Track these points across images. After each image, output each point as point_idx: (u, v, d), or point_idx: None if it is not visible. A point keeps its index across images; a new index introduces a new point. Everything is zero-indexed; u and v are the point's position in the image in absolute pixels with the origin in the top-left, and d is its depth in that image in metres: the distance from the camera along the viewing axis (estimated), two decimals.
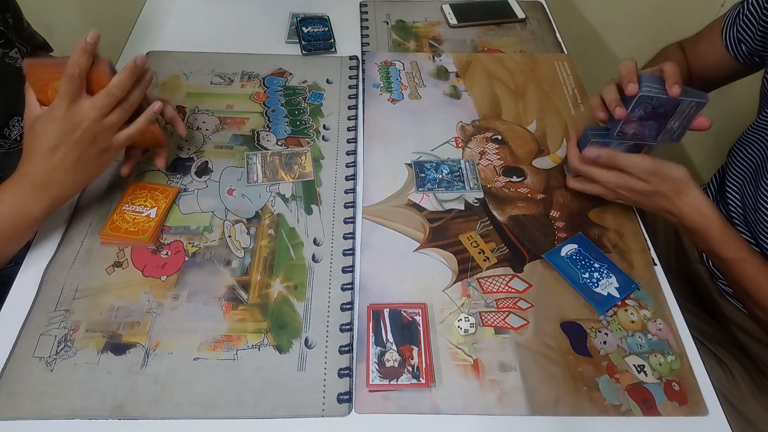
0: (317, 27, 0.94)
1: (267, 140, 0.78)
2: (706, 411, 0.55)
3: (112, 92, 0.57)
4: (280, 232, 0.67)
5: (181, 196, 0.70)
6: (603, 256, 0.66)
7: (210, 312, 0.60)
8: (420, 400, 0.55)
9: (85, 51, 0.55)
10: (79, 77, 0.55)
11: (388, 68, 0.91)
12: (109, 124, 0.58)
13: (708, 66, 0.83)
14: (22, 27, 0.79)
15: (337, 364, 0.57)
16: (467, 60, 0.93)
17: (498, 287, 0.63)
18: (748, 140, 0.75)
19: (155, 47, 0.91)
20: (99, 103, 0.57)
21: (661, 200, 0.63)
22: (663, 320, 0.61)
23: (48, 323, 0.58)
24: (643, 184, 0.63)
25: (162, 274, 0.63)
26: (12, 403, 0.52)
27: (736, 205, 0.76)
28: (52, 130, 0.56)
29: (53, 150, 0.56)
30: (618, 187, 0.65)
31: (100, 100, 0.57)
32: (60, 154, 0.56)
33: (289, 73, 0.88)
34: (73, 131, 0.56)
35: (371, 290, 0.63)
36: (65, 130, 0.56)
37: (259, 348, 0.57)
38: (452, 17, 1.01)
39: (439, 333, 0.59)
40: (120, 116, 0.59)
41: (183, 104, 0.81)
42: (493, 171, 0.76)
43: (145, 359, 0.56)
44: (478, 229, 0.69)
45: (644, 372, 0.57)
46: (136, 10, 0.99)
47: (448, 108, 0.85)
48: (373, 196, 0.72)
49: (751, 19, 0.74)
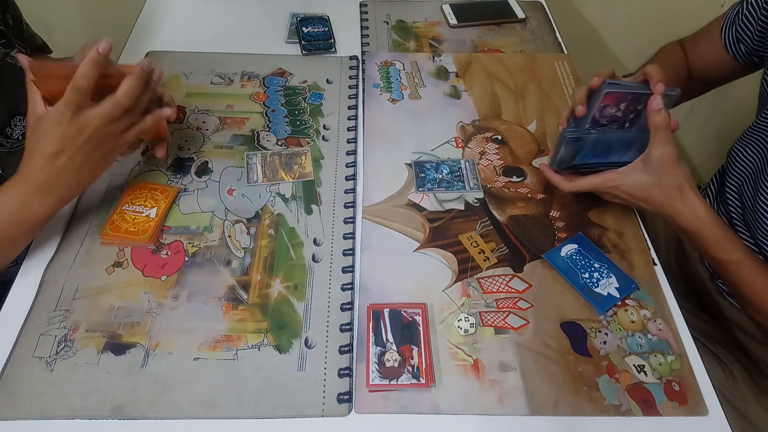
0: (317, 27, 0.94)
1: (267, 140, 0.78)
2: (706, 411, 0.55)
3: (119, 101, 0.56)
4: (280, 232, 0.67)
5: (181, 196, 0.70)
6: (603, 256, 0.66)
7: (210, 312, 0.60)
8: (420, 400, 0.55)
9: (96, 63, 0.53)
10: (87, 90, 0.54)
11: (388, 68, 0.91)
12: (115, 129, 0.58)
13: (707, 65, 0.83)
14: (21, 28, 0.79)
15: (337, 364, 0.57)
16: (467, 60, 0.93)
17: (498, 287, 0.63)
18: (747, 141, 0.75)
19: (155, 47, 0.91)
20: (105, 111, 0.56)
21: (654, 205, 0.63)
22: (663, 320, 0.61)
23: (48, 323, 0.58)
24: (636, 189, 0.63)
25: (162, 274, 0.63)
26: (12, 403, 0.52)
27: (735, 206, 0.76)
28: (56, 134, 0.54)
29: (57, 155, 0.55)
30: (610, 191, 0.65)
31: (107, 108, 0.56)
32: (64, 158, 0.56)
33: (289, 73, 0.88)
34: (77, 137, 0.55)
35: (371, 290, 0.63)
36: (69, 135, 0.55)
37: (259, 348, 0.57)
38: (452, 17, 1.01)
39: (439, 333, 0.59)
40: (127, 122, 0.58)
41: (183, 104, 0.81)
42: (493, 171, 0.76)
43: (145, 359, 0.56)
44: (478, 229, 0.69)
45: (644, 372, 0.57)
46: (136, 10, 0.99)
47: (448, 108, 0.85)
48: (373, 196, 0.72)
49: (750, 18, 0.74)
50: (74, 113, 0.54)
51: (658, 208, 0.63)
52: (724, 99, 1.29)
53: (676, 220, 0.62)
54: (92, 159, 0.58)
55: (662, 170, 0.60)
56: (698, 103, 1.37)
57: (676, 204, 0.61)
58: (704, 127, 1.41)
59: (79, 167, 0.57)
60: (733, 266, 0.62)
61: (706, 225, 0.61)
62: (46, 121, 0.55)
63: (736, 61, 0.79)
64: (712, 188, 0.84)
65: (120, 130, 0.58)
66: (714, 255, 0.63)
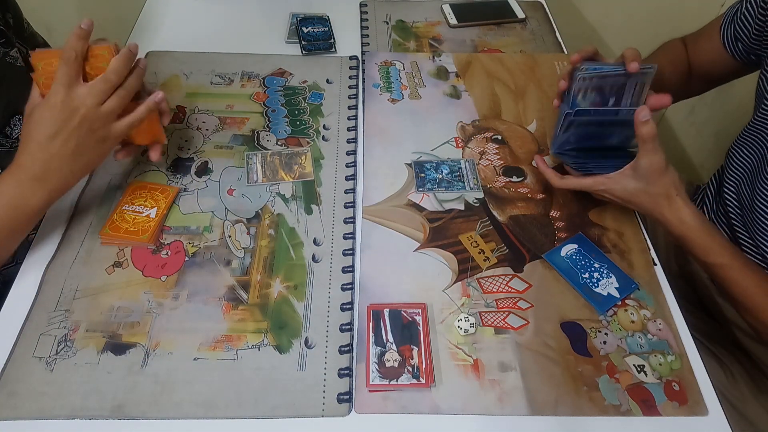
0: (317, 27, 0.94)
1: (267, 140, 0.78)
2: (706, 411, 0.55)
3: (107, 77, 0.58)
4: (280, 232, 0.67)
5: (181, 196, 0.70)
6: (603, 256, 0.66)
7: (210, 312, 0.60)
8: (420, 400, 0.55)
9: (80, 37, 0.56)
10: (75, 61, 0.56)
11: (388, 68, 0.91)
12: (106, 111, 0.58)
13: (706, 62, 0.84)
14: (22, 27, 0.79)
15: (337, 364, 0.57)
16: (467, 60, 0.93)
17: (498, 287, 0.63)
18: (744, 141, 0.75)
19: (155, 47, 0.91)
20: (95, 88, 0.57)
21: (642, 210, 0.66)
22: (663, 320, 0.61)
23: (48, 323, 0.58)
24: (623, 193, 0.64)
25: (162, 274, 0.63)
26: (12, 403, 0.52)
27: (733, 206, 0.76)
28: (49, 117, 0.55)
29: (51, 138, 0.56)
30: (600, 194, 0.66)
31: (97, 85, 0.57)
32: (58, 142, 0.56)
33: (289, 73, 0.88)
34: (70, 118, 0.56)
35: (371, 290, 0.63)
36: (63, 117, 0.56)
37: (259, 348, 0.57)
38: (452, 17, 1.01)
39: (439, 333, 0.59)
40: (117, 102, 0.59)
41: (183, 104, 0.81)
42: (493, 171, 0.76)
43: (145, 359, 0.56)
44: (478, 229, 0.69)
45: (644, 372, 0.57)
46: (136, 10, 0.99)
47: (448, 108, 0.85)
48: (373, 196, 0.72)
49: (748, 17, 0.74)
50: (66, 90, 0.55)
51: (647, 213, 0.65)
52: (724, 99, 1.29)
53: (663, 225, 0.64)
54: (85, 145, 0.58)
55: (650, 179, 0.62)
56: (698, 103, 1.37)
57: (663, 210, 0.63)
58: (704, 127, 1.41)
59: (73, 153, 0.57)
60: (721, 269, 0.63)
61: (692, 230, 0.63)
62: (40, 106, 0.56)
63: (734, 59, 0.79)
64: (711, 188, 0.84)
65: (111, 112, 0.59)
66: (702, 259, 0.64)
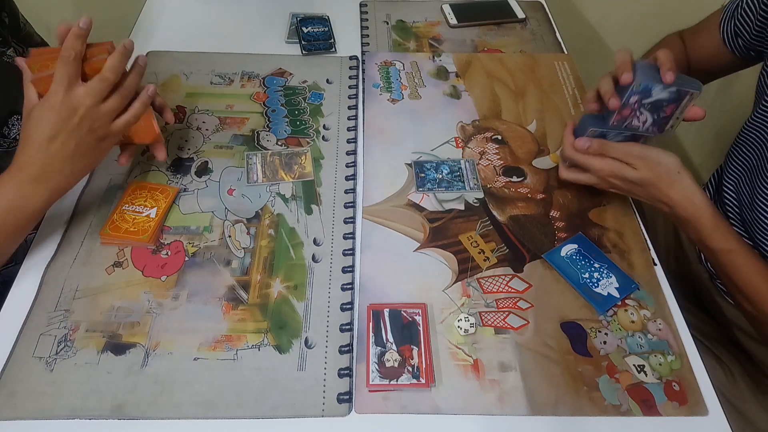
0: (317, 27, 0.94)
1: (267, 140, 0.78)
2: (706, 411, 0.55)
3: (104, 76, 0.57)
4: (280, 232, 0.67)
5: (181, 196, 0.70)
6: (603, 256, 0.66)
7: (210, 312, 0.60)
8: (420, 400, 0.55)
9: (78, 36, 0.55)
10: (74, 61, 0.55)
11: (388, 68, 0.91)
12: (106, 111, 0.58)
13: (705, 57, 0.83)
14: (18, 26, 0.79)
15: (337, 364, 0.57)
16: (467, 60, 0.93)
17: (498, 287, 0.63)
18: (744, 138, 0.75)
19: (155, 47, 0.91)
20: (93, 88, 0.57)
21: (652, 189, 0.63)
22: (663, 320, 0.61)
23: (48, 323, 0.58)
24: (634, 172, 0.63)
25: (162, 274, 0.63)
26: (12, 403, 0.52)
27: (732, 204, 0.76)
28: (49, 118, 0.55)
29: (51, 139, 0.56)
30: (610, 176, 0.64)
31: (94, 85, 0.57)
32: (58, 143, 0.56)
33: (289, 73, 0.88)
34: (70, 118, 0.56)
35: (371, 290, 0.63)
36: (62, 117, 0.55)
37: (259, 348, 0.57)
38: (452, 17, 1.01)
39: (439, 333, 0.59)
40: (117, 102, 0.59)
41: (183, 104, 0.81)
42: (493, 171, 0.76)
43: (145, 359, 0.56)
44: (478, 229, 0.69)
45: (644, 372, 0.57)
46: (136, 10, 0.99)
47: (448, 108, 0.85)
48: (373, 196, 0.72)
49: (749, 13, 0.74)
50: (65, 90, 0.55)
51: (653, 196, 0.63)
52: (723, 99, 1.29)
53: (672, 207, 0.63)
54: (85, 145, 0.58)
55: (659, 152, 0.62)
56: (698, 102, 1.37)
57: (671, 191, 0.62)
58: (704, 127, 1.40)
59: (73, 153, 0.57)
60: (726, 255, 0.62)
61: (701, 211, 0.61)
62: (39, 106, 0.56)
63: (733, 54, 0.79)
64: (710, 187, 0.84)
65: (110, 111, 0.59)
66: (708, 243, 0.63)
